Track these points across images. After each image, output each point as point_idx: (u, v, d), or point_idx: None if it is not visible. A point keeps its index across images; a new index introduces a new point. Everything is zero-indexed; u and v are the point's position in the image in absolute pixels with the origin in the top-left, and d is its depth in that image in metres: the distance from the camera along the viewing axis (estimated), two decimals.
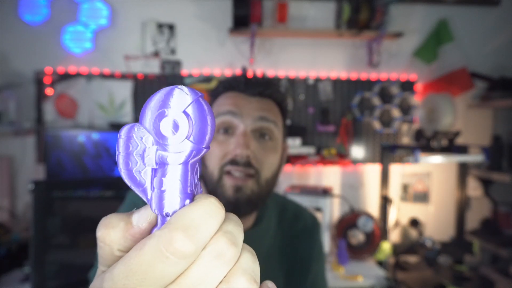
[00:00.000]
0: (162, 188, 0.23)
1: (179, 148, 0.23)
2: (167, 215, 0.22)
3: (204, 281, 0.21)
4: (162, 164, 0.23)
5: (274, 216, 0.82)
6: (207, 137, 0.23)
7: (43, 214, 1.06)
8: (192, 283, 0.20)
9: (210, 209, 0.22)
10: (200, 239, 0.21)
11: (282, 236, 0.81)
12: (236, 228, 0.23)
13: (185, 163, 0.23)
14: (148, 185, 0.23)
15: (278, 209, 0.84)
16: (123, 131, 0.23)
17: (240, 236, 0.23)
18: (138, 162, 0.23)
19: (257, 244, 0.75)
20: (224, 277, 0.21)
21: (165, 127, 0.22)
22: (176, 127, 0.22)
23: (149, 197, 0.23)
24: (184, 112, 0.22)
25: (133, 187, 0.24)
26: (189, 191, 0.23)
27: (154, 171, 0.23)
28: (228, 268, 0.21)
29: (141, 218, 0.23)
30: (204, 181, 0.72)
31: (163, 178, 0.23)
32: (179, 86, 0.23)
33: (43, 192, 1.08)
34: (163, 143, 0.23)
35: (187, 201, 0.23)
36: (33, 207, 1.05)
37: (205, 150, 0.23)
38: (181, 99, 0.23)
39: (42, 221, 1.06)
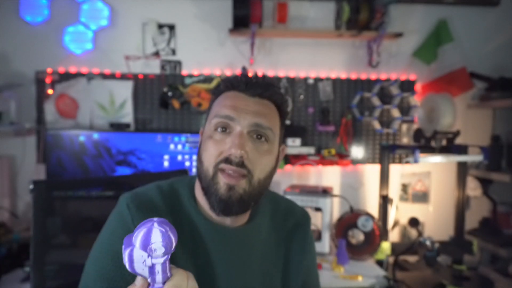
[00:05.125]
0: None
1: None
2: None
3: None
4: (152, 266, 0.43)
5: (268, 212, 0.85)
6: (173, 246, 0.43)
7: (43, 214, 1.06)
8: None
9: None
10: None
11: (276, 230, 0.84)
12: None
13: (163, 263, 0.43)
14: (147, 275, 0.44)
15: (271, 205, 0.86)
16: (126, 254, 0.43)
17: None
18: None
19: (253, 239, 0.78)
20: None
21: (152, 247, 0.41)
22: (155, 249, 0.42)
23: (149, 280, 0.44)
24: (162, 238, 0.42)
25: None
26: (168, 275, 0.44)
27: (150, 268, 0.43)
28: None
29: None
30: (199, 177, 0.74)
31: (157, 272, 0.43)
32: (154, 225, 0.42)
33: (43, 192, 1.08)
34: (152, 256, 0.42)
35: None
36: (33, 207, 1.05)
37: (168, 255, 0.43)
38: (156, 234, 0.41)
39: (42, 221, 1.05)
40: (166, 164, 1.97)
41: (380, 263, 1.90)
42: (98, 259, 0.67)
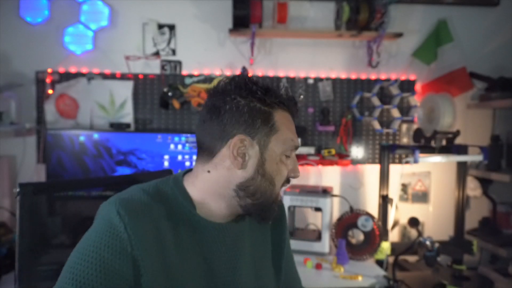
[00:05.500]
0: None
1: None
2: None
3: None
4: None
5: None
6: None
7: (29, 218, 1.00)
8: None
9: None
10: None
11: (257, 224, 0.88)
12: None
13: None
14: None
15: None
16: None
17: None
18: None
19: (243, 232, 0.83)
20: None
21: None
22: None
23: None
24: None
25: None
26: None
27: None
28: None
29: None
30: (257, 192, 0.75)
31: None
32: None
33: (30, 195, 1.02)
34: None
35: None
36: (18, 210, 0.98)
37: None
38: None
39: (28, 225, 0.99)
40: (166, 164, 1.97)
41: (380, 263, 1.90)
42: (77, 267, 0.64)
